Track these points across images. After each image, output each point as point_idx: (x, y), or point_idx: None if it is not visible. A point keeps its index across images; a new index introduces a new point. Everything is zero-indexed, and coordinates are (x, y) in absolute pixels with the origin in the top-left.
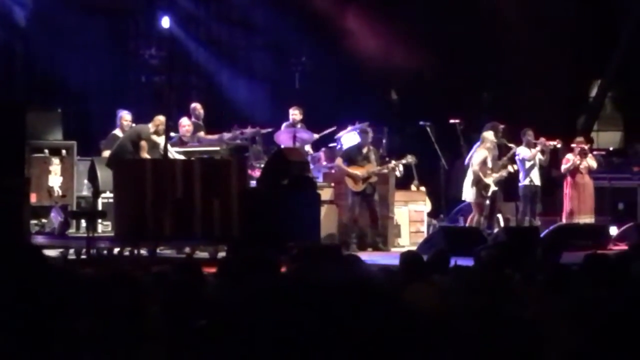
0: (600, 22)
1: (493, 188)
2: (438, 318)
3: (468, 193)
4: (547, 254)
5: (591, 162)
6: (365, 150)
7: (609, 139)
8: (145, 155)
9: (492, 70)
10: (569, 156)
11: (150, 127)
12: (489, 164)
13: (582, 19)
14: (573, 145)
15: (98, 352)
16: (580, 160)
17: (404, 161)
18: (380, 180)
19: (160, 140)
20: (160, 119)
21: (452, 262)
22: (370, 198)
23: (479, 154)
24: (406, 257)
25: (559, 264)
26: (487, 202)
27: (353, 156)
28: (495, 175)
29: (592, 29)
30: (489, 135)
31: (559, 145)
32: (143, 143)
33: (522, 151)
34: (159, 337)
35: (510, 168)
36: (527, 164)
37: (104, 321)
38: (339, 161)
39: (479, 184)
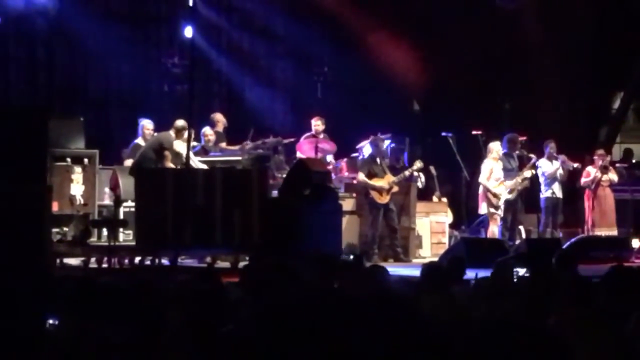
0: (623, 33)
1: (506, 197)
2: (454, 329)
3: (481, 206)
4: (561, 265)
5: (612, 175)
6: (379, 160)
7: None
8: (169, 164)
9: (514, 82)
10: (590, 169)
11: (172, 133)
12: (498, 174)
13: (604, 30)
14: (595, 157)
15: None
16: (601, 174)
17: (414, 167)
18: (401, 191)
19: (183, 148)
20: (180, 123)
21: (474, 274)
22: (389, 208)
23: (486, 165)
24: (428, 268)
25: (578, 275)
26: (501, 211)
27: (372, 168)
28: (509, 183)
29: (614, 41)
30: (494, 145)
31: (579, 168)
32: (167, 153)
33: (543, 164)
34: (180, 347)
35: (527, 173)
36: (548, 177)
37: (125, 330)
38: (361, 176)
39: (487, 195)
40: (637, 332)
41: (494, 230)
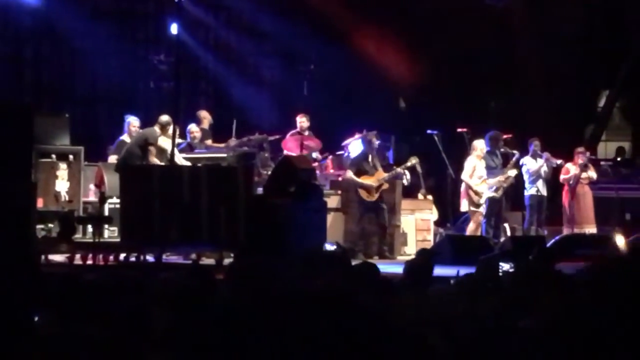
0: (609, 32)
1: (488, 195)
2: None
3: (463, 203)
4: (540, 262)
5: (592, 173)
6: (371, 158)
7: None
8: (154, 159)
9: (501, 80)
10: (569, 166)
11: (156, 129)
12: (480, 172)
13: (590, 29)
14: (575, 155)
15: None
16: (580, 171)
17: (408, 164)
18: (387, 188)
19: (168, 145)
20: (165, 118)
21: (457, 272)
22: (380, 206)
23: (468, 163)
24: (411, 265)
25: (557, 272)
26: (482, 209)
27: (362, 166)
28: (491, 181)
29: (600, 39)
30: (478, 143)
31: (562, 164)
32: (151, 148)
33: (527, 162)
34: (165, 344)
35: (511, 172)
36: (533, 174)
37: (108, 327)
38: (348, 174)
39: (469, 192)
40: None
41: (473, 228)
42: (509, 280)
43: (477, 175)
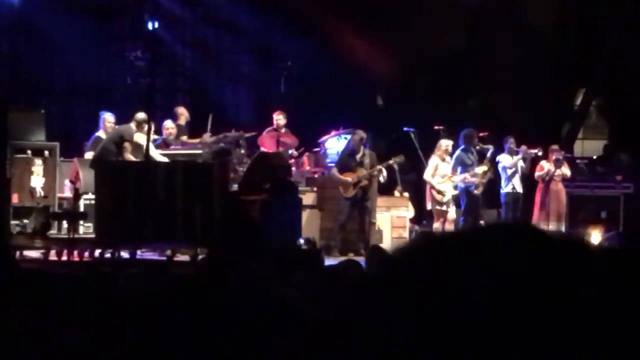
0: (585, 30)
1: (452, 193)
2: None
3: (428, 202)
4: None
5: (565, 170)
6: (359, 155)
7: (594, 147)
8: (129, 156)
9: (478, 78)
10: (544, 163)
11: (132, 126)
12: (443, 171)
13: (567, 26)
14: (549, 152)
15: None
16: (554, 168)
17: (391, 162)
18: (366, 185)
19: (143, 141)
20: (141, 115)
21: None
22: (361, 203)
23: (431, 162)
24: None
25: None
26: (446, 207)
27: (346, 163)
28: (457, 179)
29: (577, 37)
30: (444, 142)
31: (540, 153)
32: (127, 144)
33: (503, 159)
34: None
35: (479, 169)
36: (509, 171)
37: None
38: (334, 171)
39: (432, 192)
40: None
41: (437, 226)
42: None
43: (440, 174)
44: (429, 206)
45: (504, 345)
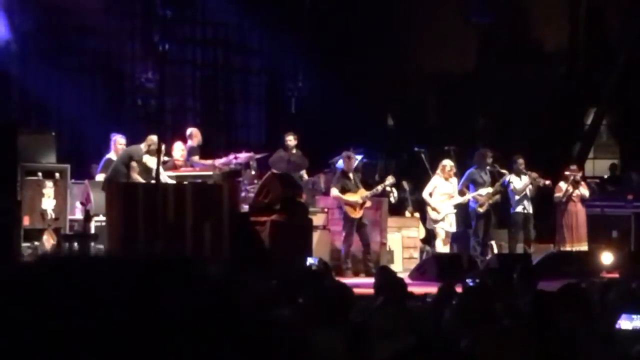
0: (595, 49)
1: (448, 211)
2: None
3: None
4: (523, 281)
5: (584, 190)
6: (352, 176)
7: (605, 166)
8: (136, 176)
9: (488, 98)
10: (562, 184)
11: (143, 147)
12: (443, 190)
13: (576, 46)
14: (566, 173)
15: None
16: (572, 189)
17: (386, 182)
18: (373, 206)
19: (153, 164)
20: (153, 138)
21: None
22: (362, 223)
23: (431, 181)
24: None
25: (541, 291)
26: (443, 225)
27: (345, 184)
28: (458, 200)
29: (587, 56)
30: (445, 162)
31: (549, 184)
32: (133, 164)
33: (514, 181)
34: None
35: (491, 189)
36: (517, 194)
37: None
38: (334, 191)
39: (427, 210)
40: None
41: (437, 244)
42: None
43: (439, 193)
44: (427, 225)
45: None
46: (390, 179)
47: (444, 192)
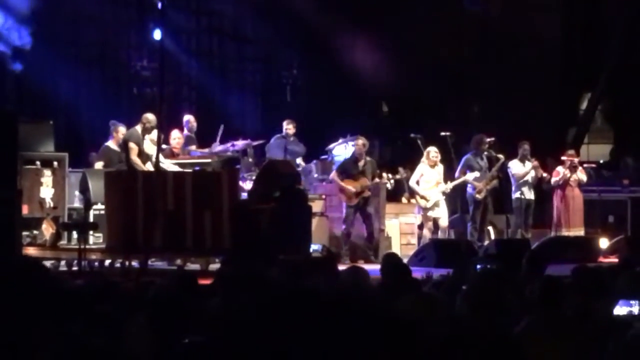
0: (589, 34)
1: (437, 198)
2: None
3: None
4: (532, 266)
5: (581, 175)
6: (362, 163)
7: (600, 151)
8: (134, 157)
9: (483, 84)
10: (559, 169)
11: (138, 127)
12: (429, 177)
13: (571, 31)
14: (563, 158)
15: None
16: (570, 173)
17: (398, 176)
18: (372, 192)
19: (152, 151)
20: (148, 116)
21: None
22: (364, 211)
23: (417, 169)
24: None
25: (550, 276)
26: (432, 213)
27: (349, 170)
28: (444, 187)
29: (581, 42)
30: (429, 149)
31: (546, 177)
32: (131, 144)
33: (514, 166)
34: (143, 350)
35: (469, 175)
36: (518, 180)
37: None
38: (334, 175)
39: (416, 197)
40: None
41: (425, 233)
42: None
43: (425, 180)
44: (415, 212)
45: None
46: (403, 174)
47: (430, 179)
